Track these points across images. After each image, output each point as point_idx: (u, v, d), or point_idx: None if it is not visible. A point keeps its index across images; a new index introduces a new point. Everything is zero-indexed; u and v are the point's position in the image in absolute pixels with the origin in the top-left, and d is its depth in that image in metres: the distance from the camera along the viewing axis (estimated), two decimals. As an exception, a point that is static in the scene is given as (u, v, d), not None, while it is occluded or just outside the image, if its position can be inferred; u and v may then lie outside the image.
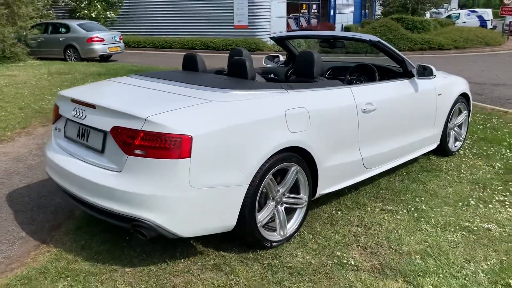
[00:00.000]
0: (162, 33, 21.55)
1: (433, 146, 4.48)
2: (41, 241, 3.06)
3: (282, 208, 2.99)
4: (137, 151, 2.44)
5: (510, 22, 22.66)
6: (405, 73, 4.07)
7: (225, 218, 2.63)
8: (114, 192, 2.48)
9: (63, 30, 15.35)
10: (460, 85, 4.68)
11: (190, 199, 2.46)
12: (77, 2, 20.08)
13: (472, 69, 12.33)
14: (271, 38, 4.79)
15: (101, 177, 2.57)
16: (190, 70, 3.65)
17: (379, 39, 3.81)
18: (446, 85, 4.44)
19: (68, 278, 2.60)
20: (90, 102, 2.75)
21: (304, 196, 3.09)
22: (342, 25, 28.81)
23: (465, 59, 15.03)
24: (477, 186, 3.95)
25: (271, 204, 2.91)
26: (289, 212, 3.08)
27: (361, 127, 3.41)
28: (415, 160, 4.57)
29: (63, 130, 3.07)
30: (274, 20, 20.43)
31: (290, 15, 22.57)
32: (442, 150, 4.65)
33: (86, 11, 19.89)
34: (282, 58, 5.16)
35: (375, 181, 4.05)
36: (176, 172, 2.40)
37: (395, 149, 3.85)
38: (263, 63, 5.13)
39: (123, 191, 2.45)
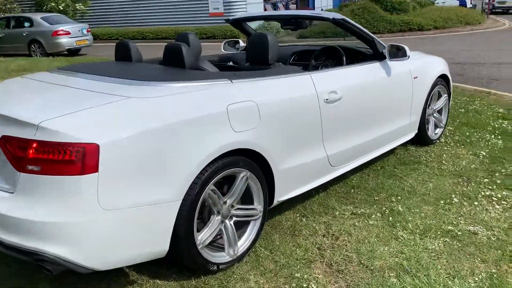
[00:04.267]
0: (135, 24, 20.74)
1: (411, 135, 4.03)
2: None
3: (231, 222, 2.50)
4: (30, 167, 1.91)
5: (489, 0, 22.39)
6: (375, 55, 3.59)
7: (153, 244, 2.13)
8: (7, 219, 1.96)
9: (27, 24, 14.54)
10: (438, 66, 4.21)
11: (101, 224, 1.95)
12: (43, -5, 19.16)
13: (453, 49, 11.95)
14: (226, 21, 4.26)
15: (-8, 200, 2.04)
16: (124, 60, 3.12)
17: (343, 17, 3.31)
18: (423, 66, 3.97)
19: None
20: (-20, 105, 2.20)
21: (258, 206, 2.60)
22: (321, 9, 28.25)
23: (445, 39, 14.66)
24: (460, 180, 3.51)
25: (216, 219, 2.42)
26: (241, 225, 2.60)
27: (325, 120, 2.93)
28: (391, 151, 4.10)
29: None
30: (251, 6, 19.77)
31: (268, 0, 21.94)
32: (421, 139, 4.20)
33: (53, 4, 18.96)
34: (243, 43, 4.64)
35: (346, 179, 3.59)
36: (80, 191, 1.88)
37: (367, 142, 3.38)
38: (222, 49, 4.61)
39: (16, 218, 1.93)
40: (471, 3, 27.59)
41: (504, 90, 6.76)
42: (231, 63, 4.24)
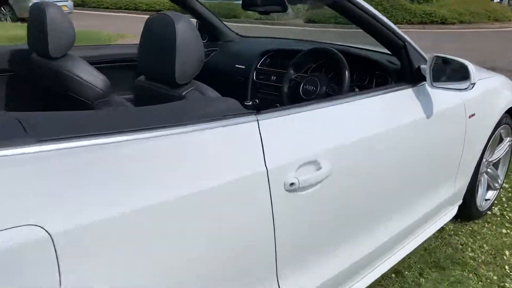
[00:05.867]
0: (127, -8, 18.89)
1: (453, 212, 2.36)
2: None
3: None
4: None
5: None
6: (405, 73, 1.89)
7: None
8: None
9: (-3, -17, 12.83)
10: (506, 93, 2.50)
11: None
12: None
13: (482, 49, 10.11)
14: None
15: None
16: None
17: (351, -5, 1.61)
18: (483, 96, 2.26)
19: None
20: None
21: None
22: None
23: (472, 36, 12.77)
24: (544, 322, 1.87)
25: None
26: None
27: (283, 229, 1.27)
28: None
29: None
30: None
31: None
32: (464, 210, 2.52)
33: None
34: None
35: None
36: None
37: (375, 251, 1.72)
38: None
39: None
40: (497, -3, 25.44)
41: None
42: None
